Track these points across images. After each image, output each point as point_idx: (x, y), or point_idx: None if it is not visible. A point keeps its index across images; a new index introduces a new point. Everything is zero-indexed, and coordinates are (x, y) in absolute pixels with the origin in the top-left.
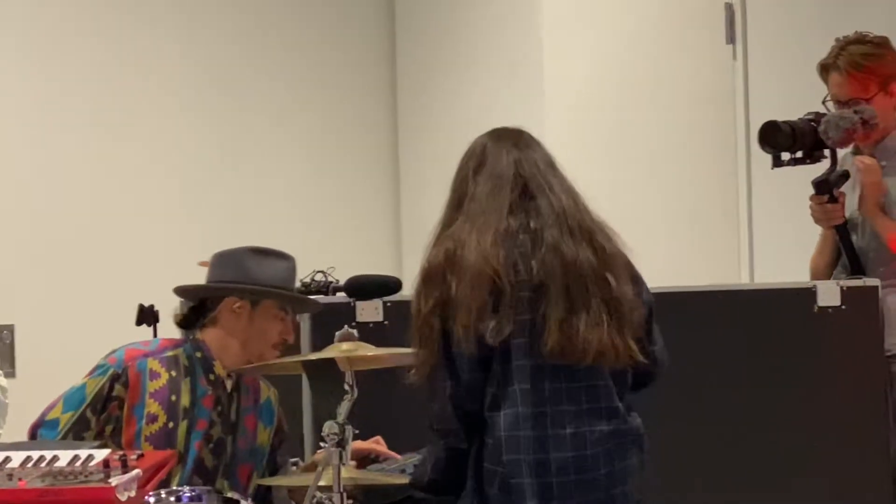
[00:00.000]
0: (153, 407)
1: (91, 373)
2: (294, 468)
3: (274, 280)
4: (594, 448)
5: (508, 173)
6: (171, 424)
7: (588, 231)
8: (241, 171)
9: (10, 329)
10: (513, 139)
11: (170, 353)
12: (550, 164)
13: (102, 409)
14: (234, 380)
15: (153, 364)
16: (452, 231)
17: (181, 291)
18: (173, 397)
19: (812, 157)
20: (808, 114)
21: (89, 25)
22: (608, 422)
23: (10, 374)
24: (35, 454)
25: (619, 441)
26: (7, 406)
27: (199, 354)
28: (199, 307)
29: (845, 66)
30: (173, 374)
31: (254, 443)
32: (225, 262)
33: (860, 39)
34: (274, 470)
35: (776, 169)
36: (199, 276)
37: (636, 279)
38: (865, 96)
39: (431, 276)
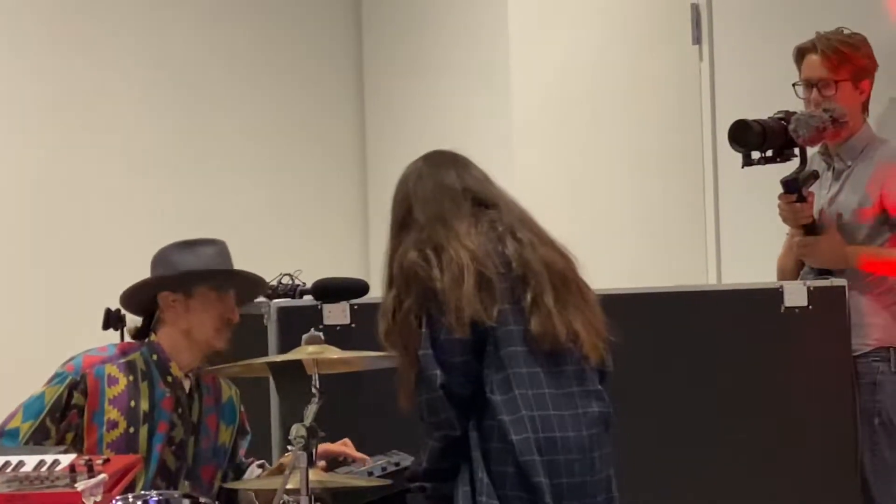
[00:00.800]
0: (113, 413)
1: (49, 381)
2: (260, 470)
3: (202, 265)
4: (590, 429)
5: (457, 186)
6: (131, 430)
7: (549, 238)
8: (208, 174)
9: None
10: (449, 159)
11: (127, 358)
12: (491, 181)
13: (62, 418)
14: (192, 380)
15: (111, 370)
16: (413, 240)
17: (123, 301)
18: (132, 402)
19: (782, 155)
20: (778, 112)
21: (48, 17)
22: (598, 403)
23: None
24: (1, 459)
25: (606, 424)
26: None
27: (154, 357)
28: (148, 315)
29: (822, 48)
30: (131, 378)
31: (216, 442)
32: (157, 262)
33: (840, 32)
34: (237, 470)
35: (746, 168)
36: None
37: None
38: (836, 77)
39: (410, 276)
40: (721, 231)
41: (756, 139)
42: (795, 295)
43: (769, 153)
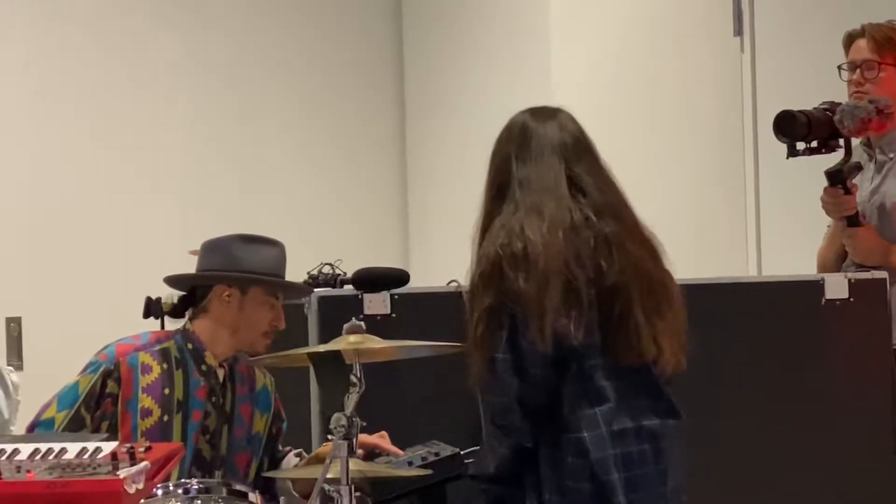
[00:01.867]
0: (146, 401)
1: (83, 370)
2: (297, 459)
3: (262, 266)
4: (663, 442)
5: (557, 155)
6: (165, 418)
7: (640, 229)
8: (249, 164)
9: (17, 321)
10: (553, 116)
11: (161, 346)
12: (588, 143)
13: (97, 407)
14: (226, 369)
15: (145, 358)
16: (506, 222)
17: (171, 281)
18: (166, 390)
19: (827, 146)
20: (823, 103)
21: (91, 23)
22: (671, 414)
23: (18, 367)
24: (43, 446)
25: (677, 436)
26: (18, 403)
27: (189, 346)
28: (189, 297)
29: (871, 32)
30: (165, 366)
31: (250, 431)
32: (213, 250)
33: (892, 23)
34: (273, 458)
35: (790, 159)
36: (192, 266)
37: (676, 283)
38: (880, 60)
39: (494, 269)
40: (762, 223)
41: (802, 130)
42: (836, 287)
43: (814, 144)
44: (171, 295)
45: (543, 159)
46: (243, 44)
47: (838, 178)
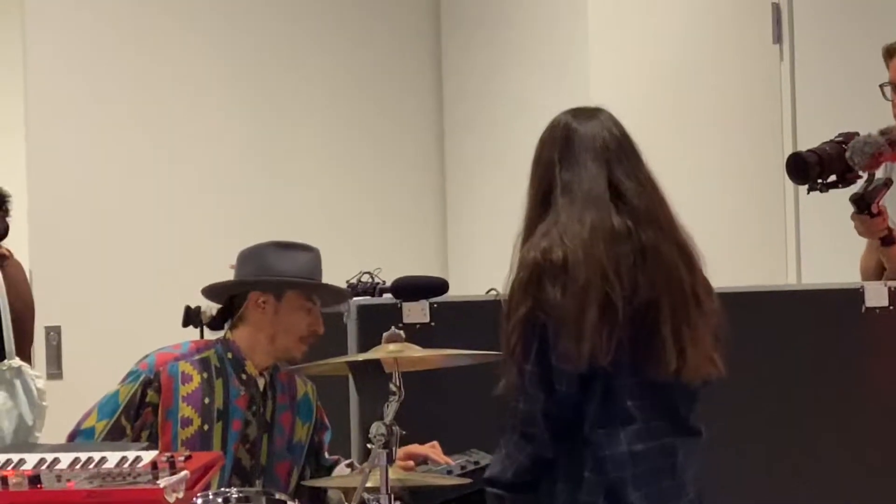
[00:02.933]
0: (187, 410)
1: (124, 379)
2: (349, 470)
3: (296, 272)
4: (683, 455)
5: (599, 159)
6: (205, 427)
7: (679, 234)
8: (288, 173)
9: (56, 330)
10: (595, 117)
11: (201, 356)
12: (631, 146)
13: (136, 416)
14: (266, 378)
15: (185, 367)
16: (547, 229)
17: (208, 292)
18: (206, 399)
19: (844, 180)
20: (838, 136)
21: (126, 25)
22: (694, 434)
23: (58, 376)
24: (83, 455)
25: (695, 450)
26: (45, 409)
27: (229, 355)
28: (227, 307)
29: None
30: (205, 375)
31: (291, 440)
32: (248, 258)
33: None
34: (321, 467)
35: (811, 193)
36: (224, 267)
37: (710, 287)
38: None
39: (532, 278)
40: (801, 231)
41: (814, 171)
42: (876, 295)
43: (831, 179)
44: (209, 307)
45: (586, 163)
46: (283, 54)
47: (863, 204)
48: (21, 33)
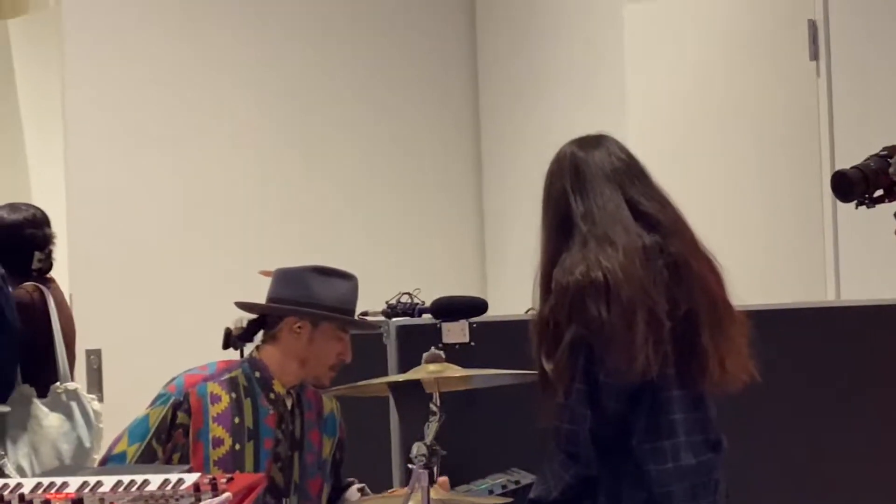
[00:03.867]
0: (218, 431)
1: (153, 403)
2: (359, 494)
3: (336, 301)
4: (716, 473)
5: (612, 182)
6: (237, 446)
7: (702, 250)
8: (329, 196)
9: (97, 354)
10: (600, 144)
11: (229, 375)
12: (639, 166)
13: (168, 438)
14: (294, 396)
15: (213, 388)
16: (578, 255)
17: (245, 307)
18: (237, 419)
19: (892, 194)
20: (884, 149)
21: (161, 51)
22: (720, 450)
23: (98, 399)
24: (126, 478)
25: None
26: (102, 430)
27: (257, 374)
28: (258, 322)
29: None
30: (234, 395)
31: (320, 456)
32: (288, 280)
33: None
34: (336, 487)
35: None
36: (264, 287)
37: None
38: None
39: (575, 301)
40: (840, 247)
41: (860, 187)
42: None
43: (878, 194)
44: (240, 319)
45: (599, 189)
46: (323, 78)
47: None
48: (60, 65)
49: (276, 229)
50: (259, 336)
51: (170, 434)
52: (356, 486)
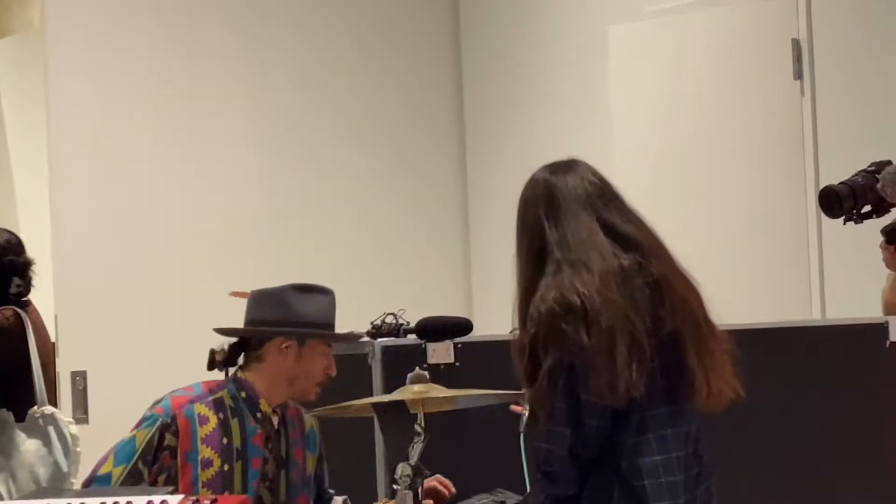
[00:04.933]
0: (206, 452)
1: (138, 425)
2: None
3: (318, 316)
4: (706, 483)
5: (587, 207)
6: (226, 467)
7: (679, 267)
8: (312, 215)
9: (82, 375)
10: (573, 169)
11: (215, 396)
12: (612, 189)
13: (154, 460)
14: (279, 415)
15: (200, 409)
16: (552, 282)
17: (227, 332)
18: (225, 440)
19: (879, 210)
20: (871, 165)
21: (146, 57)
22: (708, 467)
23: (84, 420)
24: (109, 500)
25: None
26: (80, 455)
27: (243, 394)
28: (240, 344)
29: None
30: (221, 416)
31: (305, 473)
32: (268, 300)
33: None
34: (320, 500)
35: (847, 224)
36: (239, 307)
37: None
38: None
39: (553, 327)
40: (825, 265)
41: (848, 203)
42: None
43: (865, 209)
44: (222, 343)
45: (574, 214)
46: (303, 94)
47: (894, 236)
48: (43, 73)
49: (261, 254)
50: (241, 357)
51: (156, 456)
52: (339, 498)
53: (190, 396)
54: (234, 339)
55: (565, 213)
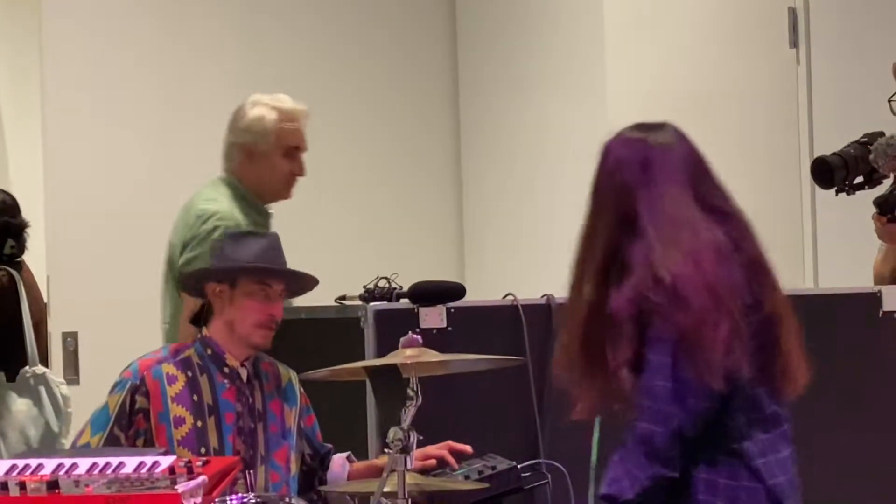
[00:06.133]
0: (178, 410)
1: (110, 391)
2: (346, 461)
3: (249, 258)
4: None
5: (682, 178)
6: (199, 423)
7: (759, 239)
8: (305, 180)
9: (73, 336)
10: (668, 134)
11: (182, 356)
12: (706, 160)
13: (129, 424)
14: (249, 369)
15: (168, 369)
16: (644, 258)
17: (182, 287)
18: (195, 397)
19: (871, 181)
20: (863, 136)
21: (142, 31)
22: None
23: (75, 381)
24: (101, 461)
25: None
26: (71, 415)
27: (209, 351)
28: (205, 305)
29: None
30: (189, 374)
31: (284, 426)
32: (210, 253)
33: None
34: (316, 453)
35: (839, 195)
36: None
37: None
38: None
39: (645, 307)
40: (818, 236)
41: (839, 175)
42: (894, 299)
43: (858, 181)
44: (198, 303)
45: (668, 184)
46: (302, 65)
47: (885, 207)
48: (38, 45)
49: None
50: None
51: (130, 420)
52: (342, 454)
53: (157, 357)
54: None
55: (661, 181)
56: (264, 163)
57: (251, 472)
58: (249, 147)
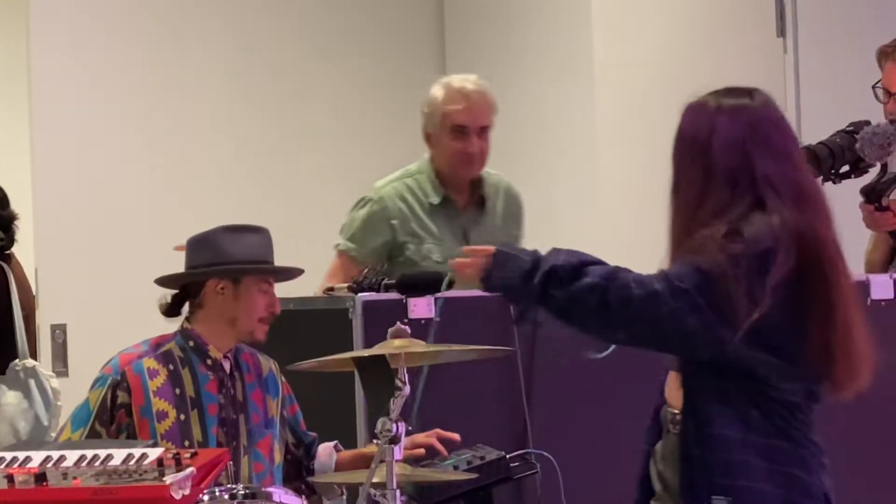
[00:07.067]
0: (160, 404)
1: (91, 387)
2: (332, 450)
3: (251, 254)
4: None
5: (795, 151)
6: (182, 417)
7: None
8: (294, 173)
9: (62, 328)
10: (768, 103)
11: (163, 350)
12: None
13: (111, 420)
14: (231, 360)
15: (149, 363)
16: (760, 220)
17: (164, 281)
18: (177, 390)
19: (858, 169)
20: (850, 125)
21: (130, 26)
22: None
23: (63, 374)
24: (89, 453)
25: None
26: (60, 408)
27: (191, 343)
28: (181, 295)
29: None
30: (171, 367)
31: (266, 417)
32: (200, 245)
33: None
34: (300, 443)
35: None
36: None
37: None
38: None
39: (752, 264)
40: None
41: (826, 164)
42: (882, 287)
43: (844, 169)
44: (164, 295)
45: (786, 154)
46: (289, 69)
47: (872, 196)
48: (26, 36)
49: (243, 209)
50: (186, 308)
51: (112, 415)
52: (329, 444)
53: (138, 352)
54: (175, 290)
55: (775, 148)
56: (437, 145)
57: (234, 462)
58: (425, 130)
